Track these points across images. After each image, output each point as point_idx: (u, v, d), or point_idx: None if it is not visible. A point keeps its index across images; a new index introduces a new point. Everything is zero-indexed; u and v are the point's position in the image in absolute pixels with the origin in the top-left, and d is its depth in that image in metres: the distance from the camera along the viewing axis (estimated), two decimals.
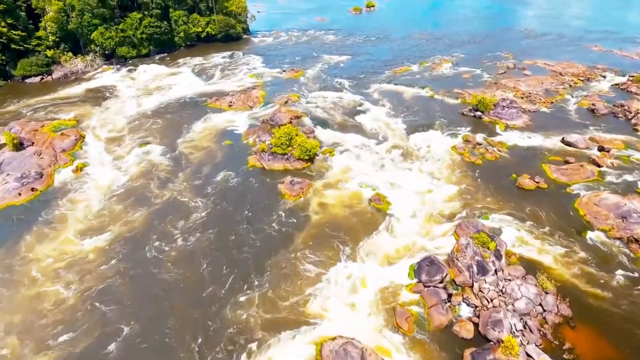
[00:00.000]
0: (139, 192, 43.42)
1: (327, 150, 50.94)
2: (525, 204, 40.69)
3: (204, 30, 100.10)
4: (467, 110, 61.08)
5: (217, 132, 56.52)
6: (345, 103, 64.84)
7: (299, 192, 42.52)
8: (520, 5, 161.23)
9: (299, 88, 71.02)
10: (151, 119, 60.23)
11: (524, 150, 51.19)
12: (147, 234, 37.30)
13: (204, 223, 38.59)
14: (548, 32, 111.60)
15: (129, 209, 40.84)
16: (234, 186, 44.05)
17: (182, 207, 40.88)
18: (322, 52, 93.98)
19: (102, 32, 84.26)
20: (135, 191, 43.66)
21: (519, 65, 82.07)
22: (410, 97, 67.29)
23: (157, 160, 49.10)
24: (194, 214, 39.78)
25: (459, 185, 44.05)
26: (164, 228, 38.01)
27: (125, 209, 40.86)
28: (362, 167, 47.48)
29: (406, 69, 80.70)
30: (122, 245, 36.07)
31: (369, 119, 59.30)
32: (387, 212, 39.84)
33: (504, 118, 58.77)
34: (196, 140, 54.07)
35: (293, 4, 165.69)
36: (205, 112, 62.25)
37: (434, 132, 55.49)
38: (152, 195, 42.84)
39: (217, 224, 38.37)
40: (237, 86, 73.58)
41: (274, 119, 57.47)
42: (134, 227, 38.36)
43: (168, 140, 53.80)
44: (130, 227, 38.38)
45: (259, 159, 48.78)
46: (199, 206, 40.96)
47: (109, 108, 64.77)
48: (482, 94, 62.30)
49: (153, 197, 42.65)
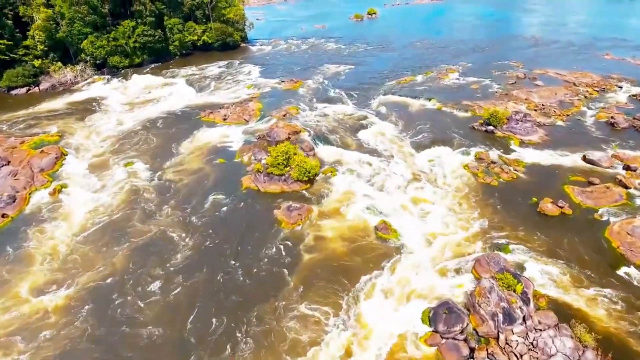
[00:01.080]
0: (119, 226, 38.31)
1: (328, 169, 46.81)
2: (549, 233, 36.40)
3: (200, 39, 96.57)
4: (478, 125, 56.98)
5: (209, 149, 52.44)
6: (347, 116, 60.82)
7: (296, 220, 38.30)
8: (523, 13, 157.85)
9: (298, 100, 67.08)
10: (139, 135, 56.20)
11: (543, 170, 46.98)
12: (123, 284, 31.74)
13: (189, 265, 33.47)
14: (556, 40, 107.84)
15: (104, 249, 35.41)
16: (225, 214, 39.70)
17: (166, 245, 35.69)
18: (322, 61, 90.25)
19: (92, 40, 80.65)
20: (114, 224, 38.63)
21: (530, 75, 78.14)
22: (416, 110, 63.27)
23: (142, 184, 44.71)
24: (178, 254, 34.71)
25: (473, 210, 39.82)
26: (143, 274, 32.57)
27: (98, 249, 35.40)
28: (366, 189, 43.30)
29: (411, 79, 76.81)
30: (90, 300, 30.28)
31: (373, 134, 55.22)
32: (395, 242, 35.57)
33: (519, 133, 54.65)
34: (186, 159, 49.97)
35: (293, 11, 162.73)
36: (198, 127, 58.25)
37: (443, 149, 51.34)
38: (132, 231, 37.58)
39: (204, 264, 33.53)
40: (233, 98, 69.68)
41: (271, 134, 53.45)
42: (107, 273, 32.82)
43: (156, 159, 49.68)
44: (102, 274, 32.82)
45: (253, 180, 44.64)
46: (185, 243, 35.94)
47: (96, 122, 60.83)
48: (494, 107, 58.24)
49: (134, 232, 37.36)
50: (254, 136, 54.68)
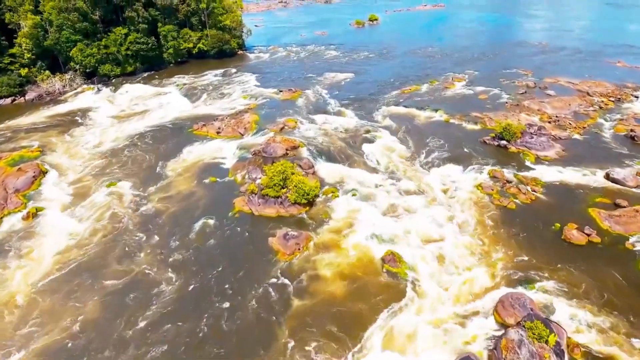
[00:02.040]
0: (93, 265, 33.33)
1: (329, 190, 42.87)
2: (578, 266, 32.39)
3: (196, 46, 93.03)
4: (489, 139, 53.10)
5: (200, 166, 48.54)
6: (349, 129, 56.98)
7: (294, 249, 34.30)
8: (526, 18, 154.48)
9: (296, 111, 63.32)
10: (126, 151, 52.32)
11: (564, 190, 43.02)
12: (90, 343, 26.75)
13: (171, 313, 28.66)
14: (563, 47, 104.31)
15: (72, 297, 30.25)
16: (214, 244, 35.52)
17: (146, 290, 30.74)
18: (322, 69, 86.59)
19: (81, 48, 77.04)
20: (88, 265, 33.47)
21: (540, 83, 74.42)
22: (422, 122, 59.46)
23: (124, 211, 40.22)
24: (159, 300, 29.77)
25: (491, 237, 35.83)
26: (116, 330, 27.69)
27: (66, 297, 30.22)
28: (371, 213, 39.30)
29: (415, 89, 73.09)
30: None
31: (377, 149, 51.35)
32: (404, 277, 31.55)
33: (534, 148, 50.77)
34: (175, 178, 46.06)
35: (293, 17, 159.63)
36: (190, 141, 54.41)
37: (453, 166, 47.41)
38: (108, 273, 32.56)
39: (188, 311, 28.89)
40: (228, 109, 65.92)
41: (267, 150, 49.59)
42: (72, 332, 27.48)
43: (142, 179, 45.67)
44: (67, 332, 27.47)
45: (247, 202, 40.69)
46: (168, 285, 31.02)
47: (82, 136, 57.05)
48: (506, 120, 54.38)
49: (109, 275, 32.32)
50: (249, 151, 50.81)
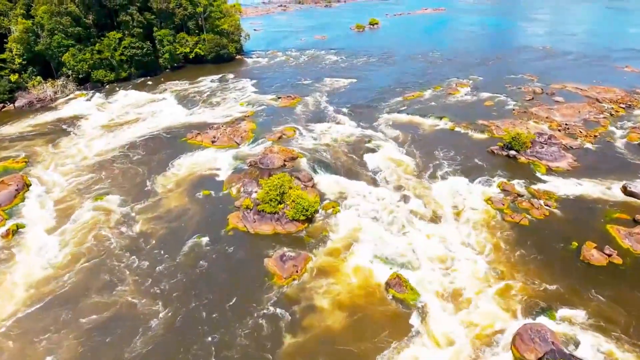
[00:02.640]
0: (71, 298, 29.80)
1: (330, 204, 40.30)
2: (600, 291, 29.78)
3: (192, 51, 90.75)
4: (497, 148, 50.60)
5: (193, 178, 46.01)
6: (350, 138, 54.50)
7: (291, 272, 31.69)
8: (529, 22, 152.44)
9: (295, 119, 60.87)
10: (117, 162, 49.77)
11: (578, 204, 40.46)
12: None
13: (156, 351, 25.61)
14: (569, 51, 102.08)
15: (44, 337, 26.66)
16: (206, 267, 32.76)
17: (129, 325, 27.38)
18: (322, 74, 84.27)
19: (74, 53, 74.69)
20: (65, 297, 29.83)
21: (547, 89, 72.05)
22: (426, 131, 56.99)
23: (109, 231, 37.09)
24: (144, 336, 26.57)
25: (504, 258, 33.24)
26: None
27: (36, 337, 26.61)
28: (374, 230, 36.72)
29: (418, 95, 70.69)
30: None
31: (380, 160, 48.83)
32: (412, 305, 28.93)
33: (545, 158, 48.26)
34: (166, 192, 43.49)
35: (292, 21, 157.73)
36: (183, 151, 51.91)
37: (461, 178, 44.86)
38: (87, 306, 28.95)
39: (175, 347, 25.78)
40: (224, 116, 63.48)
41: (264, 161, 47.08)
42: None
43: (131, 193, 43.05)
44: None
45: (242, 218, 38.12)
46: (154, 319, 27.68)
47: (71, 145, 54.51)
48: (515, 129, 51.84)
49: (89, 309, 28.73)
50: (245, 162, 48.29)
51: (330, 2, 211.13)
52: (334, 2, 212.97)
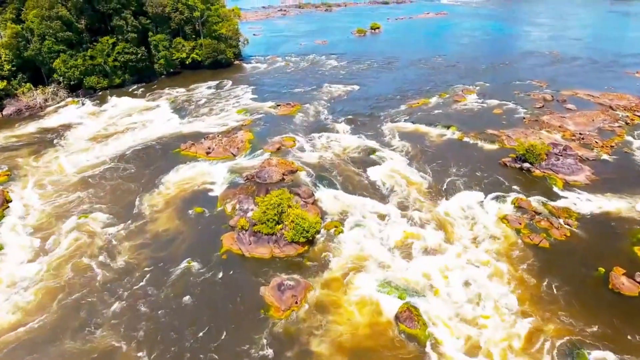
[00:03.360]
0: (40, 343, 25.99)
1: (332, 224, 37.21)
2: (633, 326, 26.67)
3: (189, 57, 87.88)
4: (510, 160, 47.58)
5: (186, 193, 42.97)
6: (353, 149, 51.50)
7: (290, 304, 28.58)
8: (533, 27, 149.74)
9: (294, 128, 57.90)
10: (105, 176, 46.66)
11: (601, 222, 37.40)
12: None
13: None
14: (576, 56, 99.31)
15: None
16: (197, 296, 29.53)
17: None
18: (323, 80, 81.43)
19: (65, 59, 71.86)
20: (31, 343, 25.94)
21: (557, 96, 69.13)
22: (434, 141, 54.00)
23: (91, 259, 33.48)
24: None
25: (524, 286, 30.15)
26: None
27: None
28: (380, 253, 33.64)
29: (424, 102, 67.75)
30: None
31: (385, 173, 45.80)
32: (424, 341, 25.81)
33: (561, 171, 45.21)
34: (156, 209, 40.41)
35: (292, 26, 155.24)
36: (176, 163, 48.90)
37: (472, 194, 41.82)
38: (61, 352, 25.34)
39: None
40: (221, 125, 60.54)
41: (262, 174, 44.05)
42: None
43: (118, 212, 39.74)
44: None
45: (236, 239, 35.03)
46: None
47: (58, 157, 51.46)
48: (529, 140, 48.74)
49: (63, 356, 25.16)
50: (241, 176, 45.26)
51: (330, 6, 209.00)
52: (334, 6, 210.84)
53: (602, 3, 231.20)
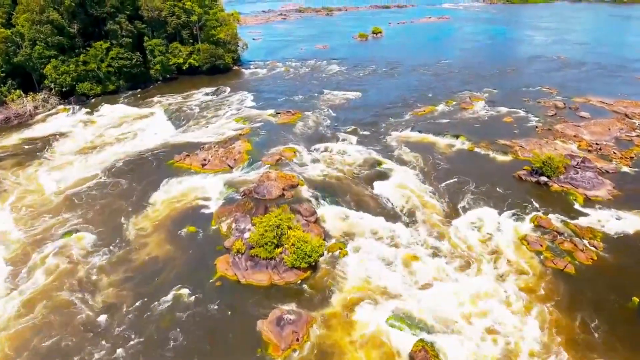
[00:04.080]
0: None
1: (337, 246, 34.18)
2: None
3: (186, 62, 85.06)
4: (525, 174, 44.59)
5: (178, 210, 39.93)
6: (357, 161, 48.51)
7: (290, 341, 25.48)
8: (536, 31, 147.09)
9: (295, 138, 54.92)
10: (93, 192, 43.46)
11: (628, 243, 34.39)
12: None
13: None
14: (584, 61, 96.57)
15: None
16: (186, 331, 26.40)
17: None
18: (324, 87, 78.57)
19: (55, 65, 69.03)
20: None
21: (570, 104, 66.25)
22: (442, 151, 51.02)
23: (70, 293, 30.05)
24: None
25: (550, 319, 27.06)
26: None
27: None
28: (390, 280, 30.62)
29: (430, 110, 64.85)
30: None
31: (392, 188, 42.79)
32: None
33: (581, 186, 42.21)
34: (146, 228, 37.37)
35: (292, 30, 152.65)
36: (169, 176, 45.89)
37: (487, 211, 38.79)
38: None
39: None
40: (217, 134, 57.60)
41: (260, 190, 41.04)
42: None
43: (103, 235, 36.50)
44: None
45: (232, 264, 31.98)
46: None
47: (42, 171, 48.43)
48: (547, 153, 45.72)
49: None
50: (237, 191, 42.24)
51: (331, 10, 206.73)
52: (335, 10, 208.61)
53: (602, 7, 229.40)
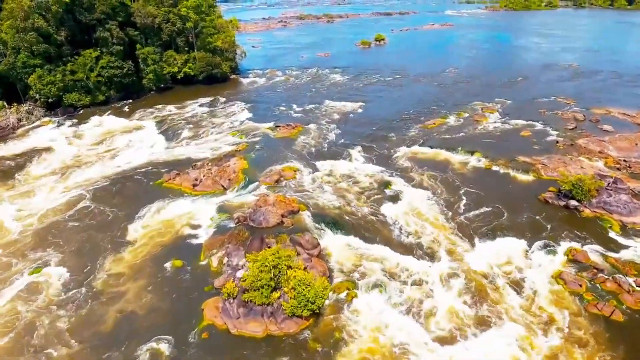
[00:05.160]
0: None
1: (344, 286, 29.60)
2: None
3: (181, 71, 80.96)
4: (552, 196, 40.05)
5: (163, 239, 35.35)
6: (364, 181, 44.04)
7: None
8: (543, 38, 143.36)
9: (295, 155, 50.46)
10: (65, 225, 38.29)
11: None
12: None
13: None
14: (597, 70, 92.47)
15: None
16: None
17: None
18: (326, 97, 74.34)
19: (40, 75, 64.82)
20: None
21: (589, 115, 61.90)
22: (457, 170, 46.54)
23: (38, 329, 26.52)
24: None
25: None
26: None
27: None
28: (408, 330, 25.99)
29: (441, 122, 60.47)
30: None
31: (404, 212, 38.25)
32: None
33: (616, 211, 37.65)
34: (125, 262, 32.78)
35: (293, 37, 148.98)
36: (157, 199, 41.37)
37: (512, 241, 34.25)
38: None
39: None
40: (212, 149, 53.22)
41: (256, 217, 36.52)
42: None
43: (81, 262, 32.24)
44: None
45: (221, 310, 27.36)
46: None
47: (15, 194, 43.75)
48: (577, 174, 41.02)
49: None
50: (231, 217, 37.69)
51: (332, 17, 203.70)
52: (336, 17, 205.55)
53: (605, 13, 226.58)
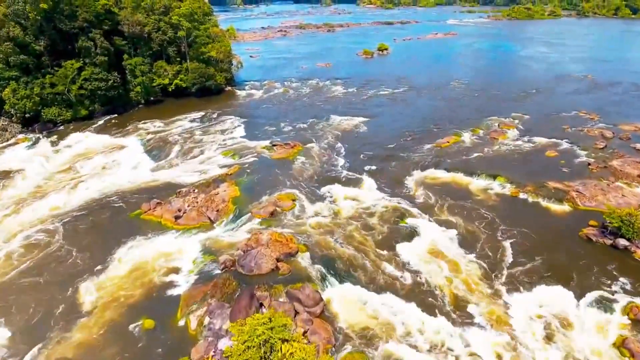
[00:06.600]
0: None
1: (353, 358, 23.46)
2: None
3: (172, 83, 75.48)
4: (595, 233, 34.08)
5: (135, 291, 29.27)
6: (373, 212, 38.08)
7: None
8: (548, 48, 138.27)
9: (294, 180, 44.56)
10: (32, 252, 33.03)
11: None
12: None
13: None
14: (615, 82, 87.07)
15: None
16: None
17: None
18: (328, 111, 68.74)
19: (14, 88, 59.29)
20: None
21: (618, 132, 56.18)
22: (478, 198, 40.63)
23: None
24: None
25: None
26: None
27: None
28: None
29: (455, 140, 54.71)
30: None
31: (423, 254, 32.26)
32: None
33: None
34: (84, 322, 26.70)
35: (293, 47, 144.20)
36: (132, 235, 35.39)
37: (555, 291, 28.26)
38: None
39: None
40: (200, 172, 47.43)
41: (246, 261, 30.54)
42: None
43: (31, 323, 26.17)
44: None
45: None
46: None
47: None
48: (626, 209, 34.90)
49: None
50: (216, 260, 31.71)
51: (332, 26, 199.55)
52: (337, 26, 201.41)
53: (611, 22, 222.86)
